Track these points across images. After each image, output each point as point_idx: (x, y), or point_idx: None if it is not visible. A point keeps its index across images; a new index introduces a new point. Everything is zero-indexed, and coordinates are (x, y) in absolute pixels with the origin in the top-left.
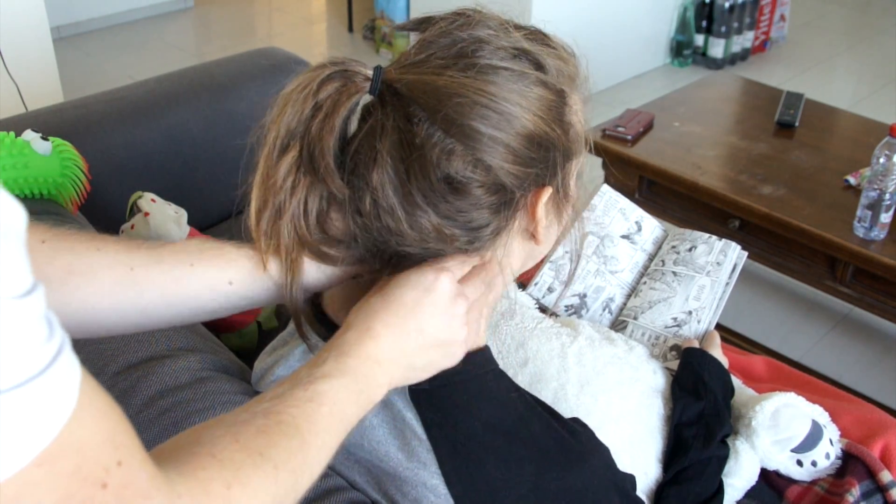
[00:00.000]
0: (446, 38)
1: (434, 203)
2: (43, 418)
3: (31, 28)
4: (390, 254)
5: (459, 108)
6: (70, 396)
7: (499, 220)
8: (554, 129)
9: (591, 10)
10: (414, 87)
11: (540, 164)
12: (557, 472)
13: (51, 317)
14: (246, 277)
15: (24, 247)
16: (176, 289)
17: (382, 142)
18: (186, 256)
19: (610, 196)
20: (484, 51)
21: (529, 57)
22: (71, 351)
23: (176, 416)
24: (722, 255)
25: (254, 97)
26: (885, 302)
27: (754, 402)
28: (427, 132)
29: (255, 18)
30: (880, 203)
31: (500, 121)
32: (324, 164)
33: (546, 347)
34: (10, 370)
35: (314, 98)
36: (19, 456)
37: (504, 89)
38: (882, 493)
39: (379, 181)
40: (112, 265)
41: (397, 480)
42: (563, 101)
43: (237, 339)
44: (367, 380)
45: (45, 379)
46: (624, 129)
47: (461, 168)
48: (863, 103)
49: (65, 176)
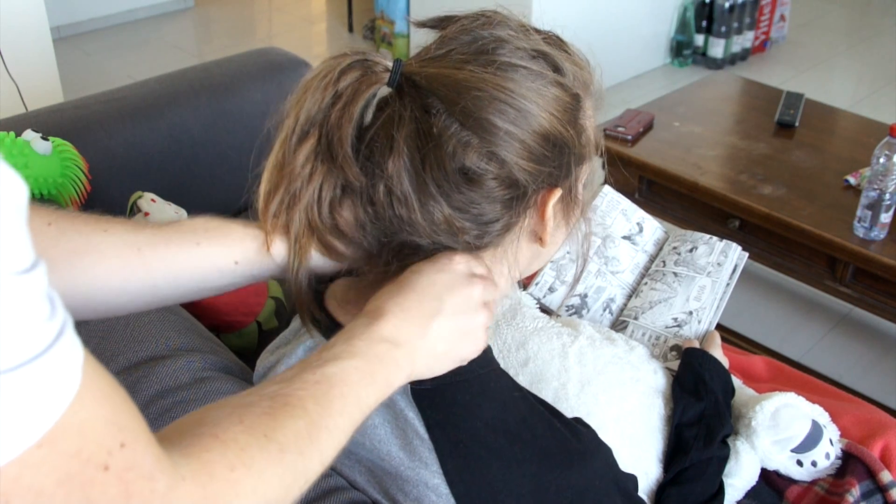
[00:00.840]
0: (467, 35)
1: (447, 193)
2: (45, 399)
3: (31, 28)
4: (398, 246)
5: (478, 101)
6: (73, 377)
7: (509, 216)
8: (568, 131)
9: (591, 10)
10: (433, 79)
11: (553, 163)
12: (559, 471)
13: (52, 295)
14: (252, 257)
15: (25, 222)
16: (184, 268)
17: (400, 131)
18: (193, 236)
19: (612, 197)
20: (504, 49)
21: (548, 59)
22: (73, 331)
23: (176, 416)
24: (723, 255)
25: (254, 97)
26: (885, 302)
27: (754, 402)
28: (444, 123)
29: (255, 18)
30: (880, 203)
31: (517, 117)
32: (342, 152)
33: (547, 347)
34: (11, 349)
35: (334, 87)
36: (21, 438)
37: (522, 87)
38: (882, 493)
39: (394, 169)
40: (120, 246)
41: (399, 480)
42: (578, 104)
43: (237, 339)
44: (381, 362)
45: (48, 359)
46: (624, 129)
47: (476, 160)
48: (863, 103)
49: (65, 176)
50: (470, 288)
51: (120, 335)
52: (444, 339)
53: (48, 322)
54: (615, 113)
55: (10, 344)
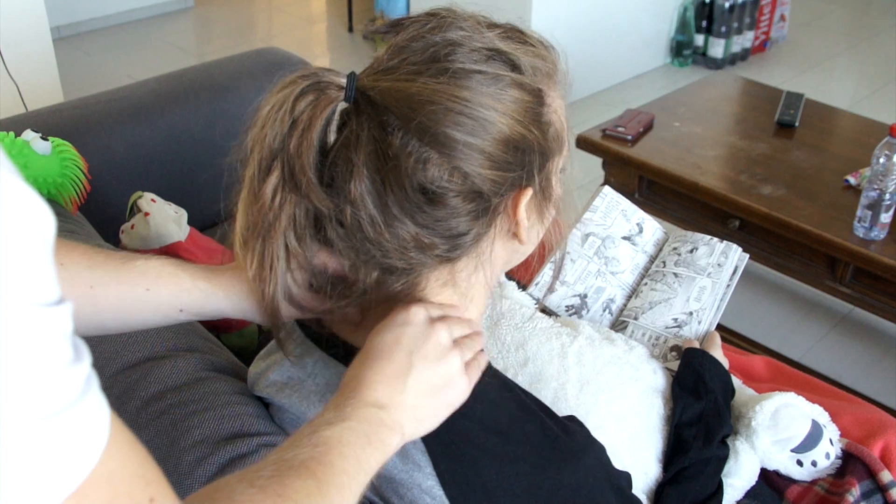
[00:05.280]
0: (418, 42)
1: (411, 213)
2: (79, 448)
3: (31, 28)
4: (373, 267)
5: (433, 115)
6: (103, 426)
7: (479, 227)
8: (531, 132)
9: (591, 10)
10: (387, 94)
11: (518, 167)
12: (552, 470)
13: (77, 340)
14: (195, 305)
15: (52, 258)
16: (129, 310)
17: (358, 153)
18: (144, 280)
19: (612, 198)
20: (457, 54)
21: (504, 58)
22: (96, 377)
23: (175, 417)
24: (723, 256)
25: (254, 97)
26: (885, 302)
27: (754, 402)
28: (401, 141)
29: (255, 18)
30: (880, 203)
31: (476, 127)
32: (305, 179)
33: (546, 347)
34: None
35: (290, 115)
36: (55, 489)
37: (478, 94)
38: (882, 493)
39: (357, 193)
40: (73, 282)
41: (393, 483)
42: (540, 101)
43: (237, 339)
44: (370, 424)
45: (82, 406)
46: (624, 129)
47: (437, 177)
48: (863, 103)
49: (65, 176)
50: (434, 334)
51: (119, 335)
52: (425, 391)
53: (76, 364)
54: (615, 113)
55: (45, 387)
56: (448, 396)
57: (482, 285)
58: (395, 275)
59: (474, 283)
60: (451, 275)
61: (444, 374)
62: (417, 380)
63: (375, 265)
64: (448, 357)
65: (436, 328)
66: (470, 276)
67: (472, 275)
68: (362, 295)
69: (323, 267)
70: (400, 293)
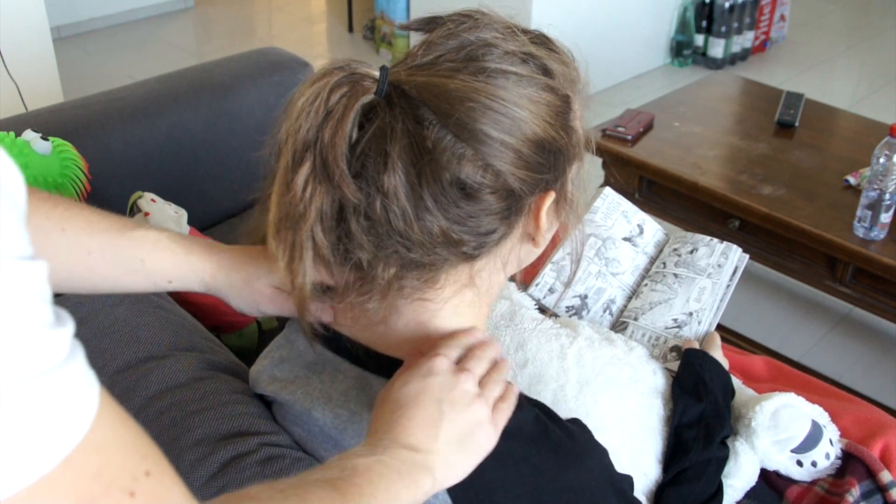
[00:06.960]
0: (454, 39)
1: (445, 207)
2: (69, 414)
3: (31, 28)
4: (394, 262)
5: (471, 112)
6: (92, 393)
7: (505, 227)
8: (560, 135)
9: (591, 10)
10: (424, 89)
11: (547, 169)
12: (554, 472)
13: (58, 309)
14: (185, 279)
15: (24, 217)
16: (123, 279)
17: (393, 145)
18: (140, 250)
19: (612, 199)
20: (493, 54)
21: (537, 62)
22: (82, 348)
23: (175, 416)
24: (723, 257)
25: (254, 97)
26: (885, 302)
27: (754, 403)
28: (438, 136)
29: (255, 18)
30: (880, 203)
31: (511, 126)
32: (339, 170)
33: (546, 348)
34: (29, 353)
35: (325, 107)
36: (46, 456)
37: (514, 94)
38: (882, 493)
39: (391, 185)
40: (72, 249)
41: None
42: (568, 106)
43: (237, 339)
44: (403, 463)
45: (68, 371)
46: (624, 129)
47: (472, 173)
48: (863, 103)
49: (65, 176)
50: (460, 384)
51: (119, 335)
52: (457, 438)
53: (58, 328)
54: (615, 113)
55: (27, 346)
56: (478, 443)
57: (498, 286)
58: (415, 270)
59: (493, 284)
60: (469, 277)
61: (472, 422)
62: (449, 428)
63: (396, 260)
64: (475, 405)
65: (461, 378)
66: (490, 276)
67: (493, 275)
68: (382, 290)
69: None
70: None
